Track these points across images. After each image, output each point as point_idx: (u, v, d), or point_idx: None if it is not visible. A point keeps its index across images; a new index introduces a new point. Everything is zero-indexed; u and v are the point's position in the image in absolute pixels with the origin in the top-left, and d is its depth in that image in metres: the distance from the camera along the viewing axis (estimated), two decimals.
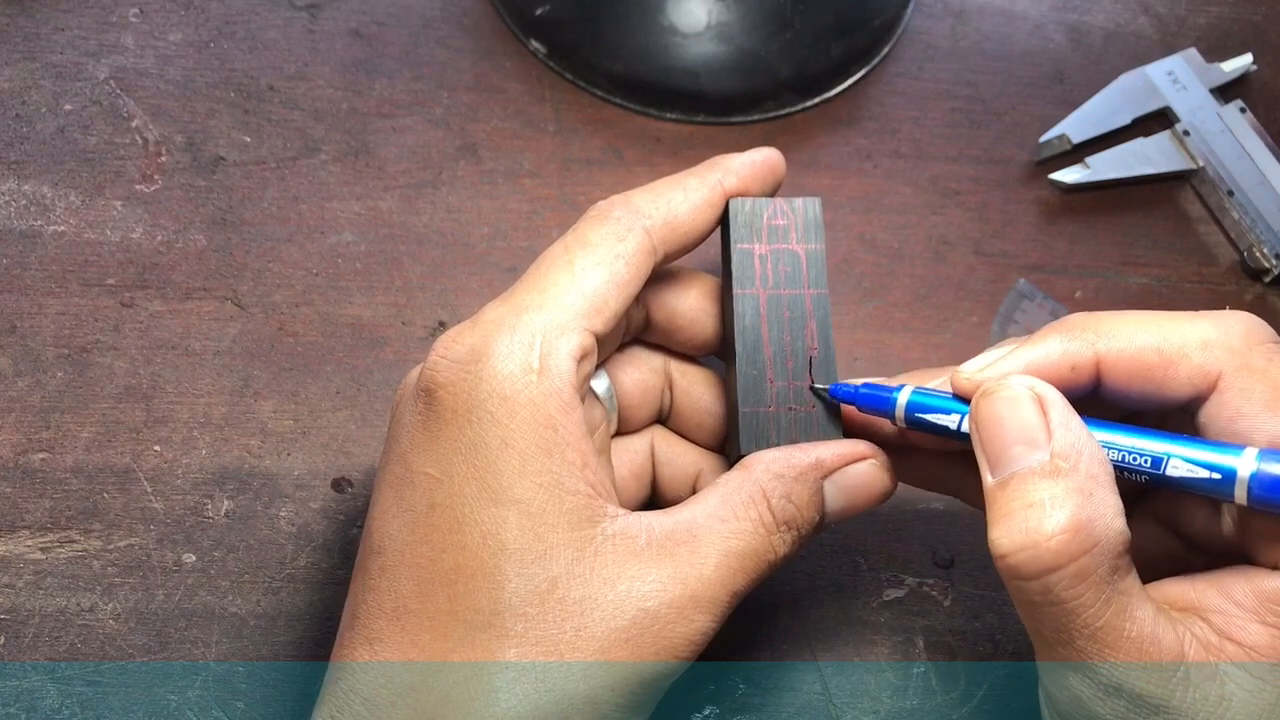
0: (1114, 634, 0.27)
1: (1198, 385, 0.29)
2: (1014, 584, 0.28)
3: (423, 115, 0.49)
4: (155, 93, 0.47)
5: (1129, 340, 0.30)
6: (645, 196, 0.35)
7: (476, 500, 0.30)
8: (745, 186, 0.36)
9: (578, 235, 0.33)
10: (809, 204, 0.36)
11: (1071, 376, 0.30)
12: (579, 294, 0.32)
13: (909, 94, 0.52)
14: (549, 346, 0.31)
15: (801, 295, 0.35)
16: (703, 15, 0.50)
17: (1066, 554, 0.26)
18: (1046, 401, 0.29)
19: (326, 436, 0.42)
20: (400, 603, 0.30)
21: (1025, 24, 0.55)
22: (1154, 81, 0.52)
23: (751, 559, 0.31)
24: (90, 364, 0.42)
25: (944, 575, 0.43)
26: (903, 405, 0.32)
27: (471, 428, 0.30)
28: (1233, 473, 0.28)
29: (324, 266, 0.45)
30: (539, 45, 0.51)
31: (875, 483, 0.33)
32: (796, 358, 0.34)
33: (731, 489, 0.32)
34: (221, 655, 0.39)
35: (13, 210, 0.44)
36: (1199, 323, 0.30)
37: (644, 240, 0.33)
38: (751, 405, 0.34)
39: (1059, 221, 0.51)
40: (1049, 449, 0.28)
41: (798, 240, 0.35)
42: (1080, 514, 0.27)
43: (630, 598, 0.30)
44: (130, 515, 0.40)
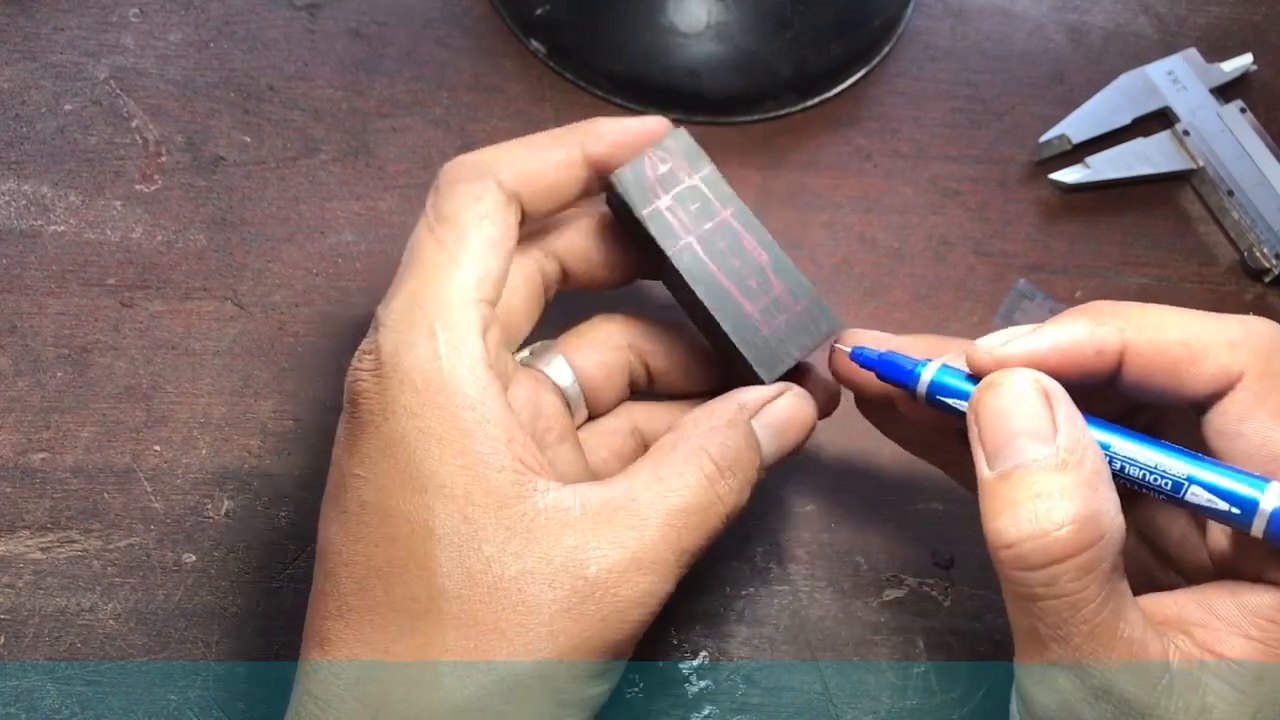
0: (1110, 633, 0.27)
1: (1219, 384, 0.29)
2: (1016, 575, 0.27)
3: (423, 115, 0.49)
4: (155, 93, 0.47)
5: (1157, 331, 0.29)
6: (490, 152, 0.34)
7: (401, 491, 0.30)
8: (615, 153, 0.34)
9: (436, 211, 0.33)
10: (676, 136, 0.35)
11: (1095, 361, 0.30)
12: (459, 269, 0.32)
13: (909, 94, 0.52)
14: (450, 330, 0.31)
15: (724, 219, 0.35)
16: (703, 15, 0.50)
17: (1077, 544, 0.26)
18: (1052, 396, 0.28)
19: (326, 436, 0.42)
20: (343, 601, 0.31)
21: (1025, 24, 0.55)
22: (1154, 81, 0.52)
23: (697, 514, 0.31)
24: (90, 364, 0.42)
25: (944, 575, 0.43)
26: (926, 383, 0.32)
27: (389, 425, 0.31)
28: (1254, 505, 0.27)
29: (324, 266, 0.45)
30: (539, 45, 0.51)
31: (800, 412, 0.34)
32: (755, 274, 0.34)
33: (666, 449, 0.32)
34: (222, 655, 0.39)
35: (13, 210, 0.44)
36: (1227, 322, 0.30)
37: (498, 194, 0.33)
38: (747, 338, 0.34)
39: (1059, 221, 0.51)
40: (1055, 443, 0.27)
41: (688, 175, 0.35)
42: (1089, 506, 0.27)
43: (568, 568, 0.29)
44: (130, 515, 0.40)
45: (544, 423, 0.35)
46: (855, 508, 0.43)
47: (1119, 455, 0.29)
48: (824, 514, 0.43)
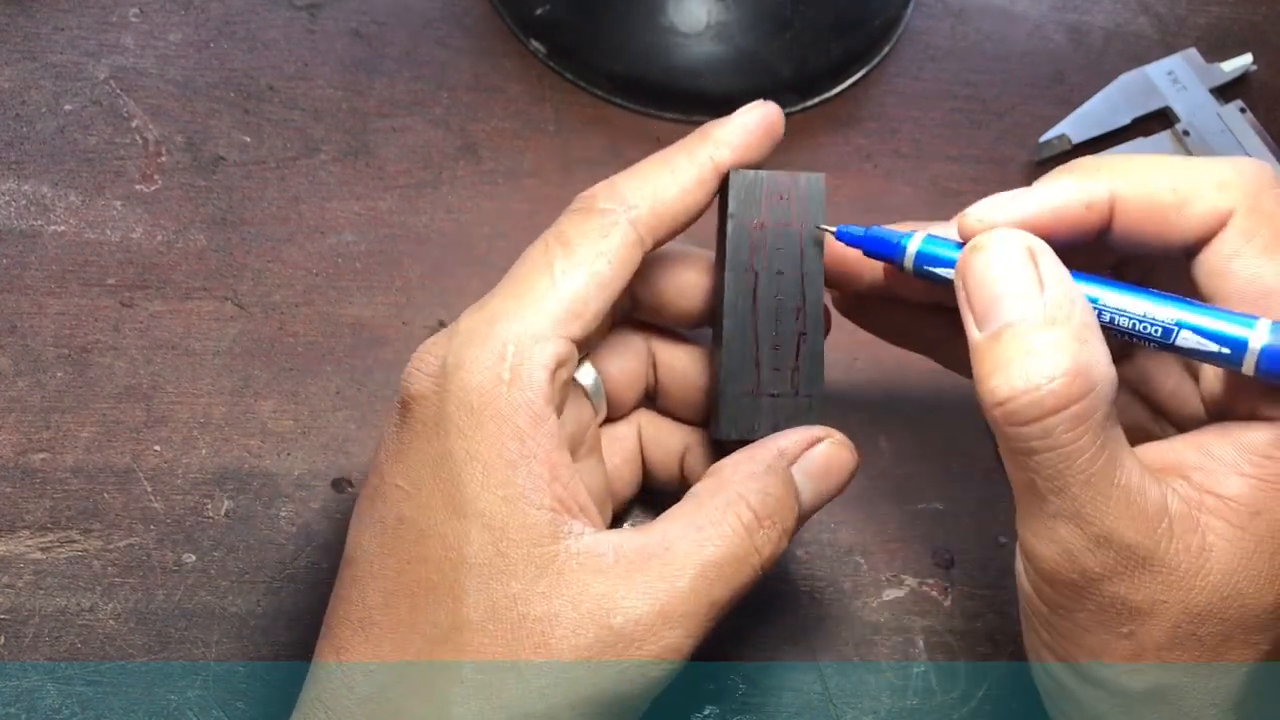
0: (1107, 481, 0.27)
1: (1209, 225, 0.29)
2: (1010, 431, 0.27)
3: (423, 115, 0.49)
4: (155, 93, 0.47)
5: (1144, 178, 0.29)
6: (631, 182, 0.33)
7: (441, 513, 0.30)
8: (740, 157, 0.34)
9: (558, 233, 0.32)
10: (812, 179, 0.34)
11: (1085, 216, 0.30)
12: (556, 299, 0.31)
13: (909, 94, 0.52)
14: (521, 357, 0.30)
15: (796, 277, 0.34)
16: (703, 15, 0.50)
17: (1068, 396, 0.26)
18: (1037, 253, 0.28)
19: (326, 436, 0.42)
20: (366, 613, 0.30)
21: (1025, 24, 0.55)
22: (1154, 81, 0.52)
23: (731, 565, 0.30)
24: (90, 364, 0.42)
25: (944, 575, 0.43)
26: (912, 253, 0.31)
27: (439, 440, 0.30)
28: (1243, 344, 0.28)
29: (324, 266, 0.45)
30: (539, 45, 0.51)
31: (839, 460, 0.33)
32: (785, 342, 0.33)
33: (704, 498, 0.31)
34: (222, 655, 0.39)
35: (13, 210, 0.44)
36: (1215, 164, 0.30)
37: (629, 234, 0.32)
38: (735, 387, 0.33)
39: None
40: (1043, 300, 0.27)
41: (798, 218, 0.34)
42: (1079, 358, 0.27)
43: (594, 615, 0.29)
44: (130, 515, 0.40)
45: (579, 437, 0.35)
46: (855, 508, 0.43)
47: (1108, 307, 0.29)
48: (824, 514, 0.43)
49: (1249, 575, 0.28)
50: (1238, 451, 0.29)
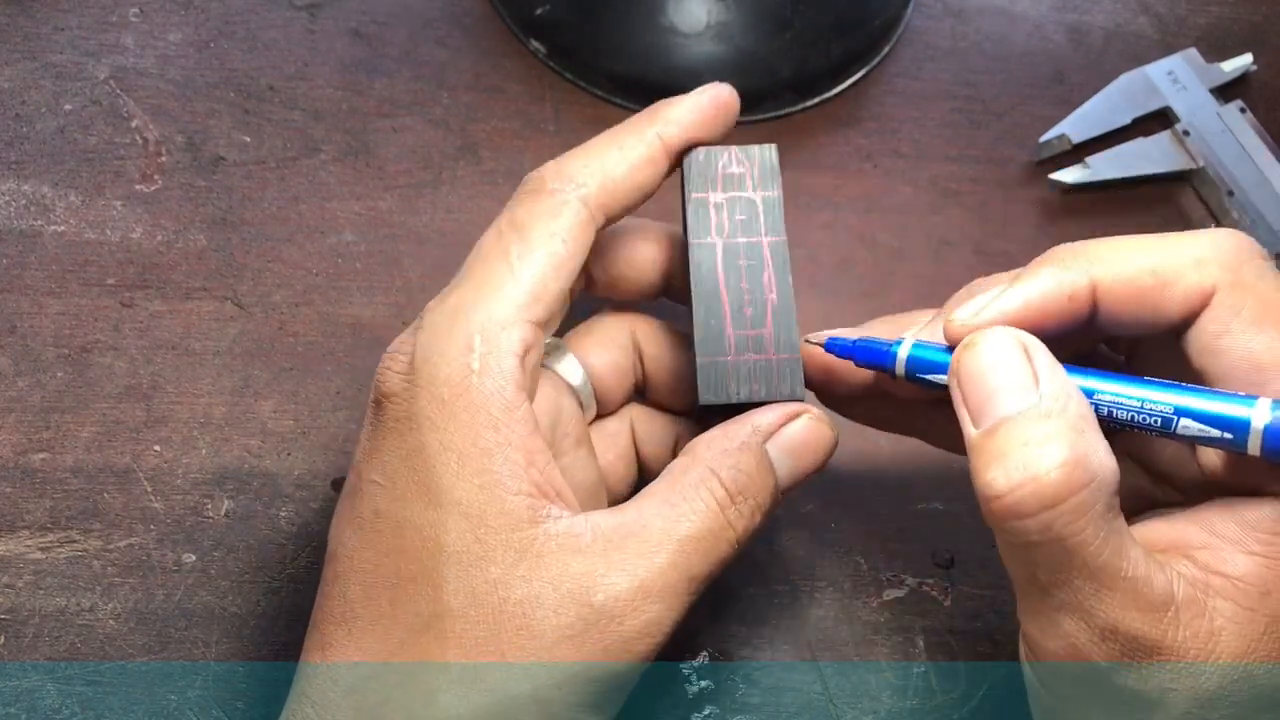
0: (1111, 574, 0.27)
1: (1194, 303, 0.29)
2: (1011, 525, 0.27)
3: (423, 115, 0.49)
4: (155, 93, 0.47)
5: (1123, 264, 0.29)
6: (579, 161, 0.33)
7: (417, 504, 0.30)
8: (691, 134, 0.34)
9: (510, 218, 0.33)
10: (765, 150, 0.35)
11: (1069, 306, 0.29)
12: (517, 284, 0.31)
13: (909, 94, 0.52)
14: (489, 345, 0.31)
15: (759, 243, 0.34)
16: (703, 15, 0.50)
17: (1068, 487, 0.26)
18: (1030, 349, 0.28)
19: (326, 436, 0.42)
20: (348, 608, 0.31)
21: (1025, 24, 0.55)
22: (1154, 81, 0.52)
23: (707, 540, 0.30)
24: (90, 364, 0.42)
25: (944, 575, 0.43)
26: (903, 360, 0.32)
27: (413, 434, 0.30)
28: (1246, 425, 0.27)
29: (324, 266, 0.45)
30: (539, 45, 0.51)
31: (817, 436, 0.33)
32: (755, 306, 0.34)
33: (678, 474, 0.31)
34: (222, 655, 0.39)
35: (13, 210, 0.44)
36: (1191, 241, 0.29)
37: (580, 212, 0.32)
38: (709, 355, 0.33)
39: (1059, 221, 0.51)
40: (1038, 393, 0.27)
41: (754, 188, 0.34)
42: (1077, 449, 0.26)
43: (575, 595, 0.29)
44: (130, 515, 0.40)
45: (562, 428, 0.35)
46: (855, 508, 0.43)
47: (1104, 399, 0.29)
48: (824, 514, 0.43)
49: (1260, 657, 0.27)
50: (1243, 529, 0.28)
